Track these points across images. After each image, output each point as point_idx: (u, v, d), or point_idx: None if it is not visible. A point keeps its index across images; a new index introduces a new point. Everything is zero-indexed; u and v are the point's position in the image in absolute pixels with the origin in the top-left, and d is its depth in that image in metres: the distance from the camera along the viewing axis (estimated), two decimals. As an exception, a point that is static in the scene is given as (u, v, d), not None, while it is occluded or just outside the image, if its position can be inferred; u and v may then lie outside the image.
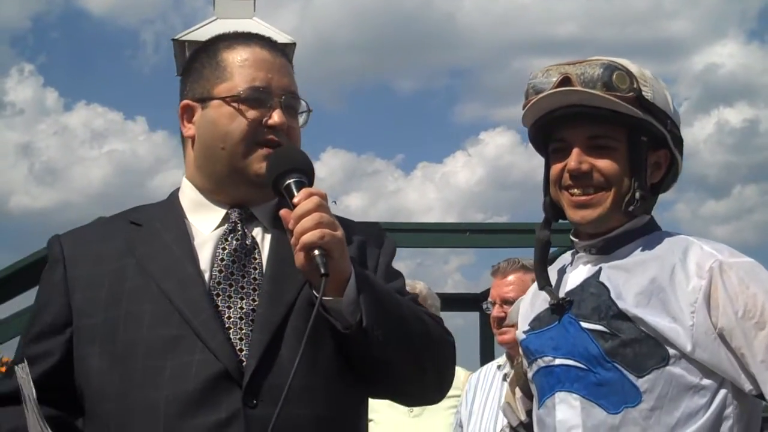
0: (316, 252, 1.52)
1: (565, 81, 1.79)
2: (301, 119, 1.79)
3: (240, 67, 1.74)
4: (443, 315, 3.15)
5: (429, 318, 1.75)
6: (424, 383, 1.75)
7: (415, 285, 3.63)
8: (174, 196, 1.84)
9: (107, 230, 1.80)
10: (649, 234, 1.87)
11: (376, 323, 1.59)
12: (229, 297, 1.66)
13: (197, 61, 1.80)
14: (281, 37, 10.43)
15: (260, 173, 1.69)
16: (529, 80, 1.87)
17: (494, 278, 3.42)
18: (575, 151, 1.82)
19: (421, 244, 7.46)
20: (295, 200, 1.57)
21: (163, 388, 1.57)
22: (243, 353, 1.61)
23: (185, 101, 1.78)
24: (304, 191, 1.59)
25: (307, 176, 1.65)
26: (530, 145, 1.99)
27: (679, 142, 1.90)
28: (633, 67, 1.82)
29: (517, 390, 2.16)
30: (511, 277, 3.40)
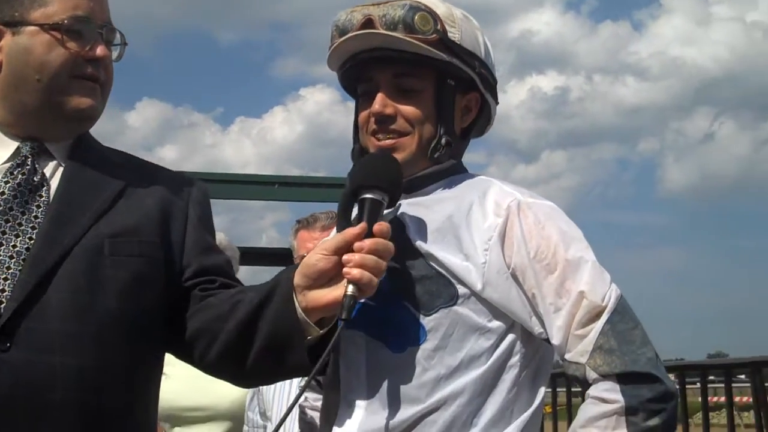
0: (350, 291, 1.47)
1: (368, 23, 1.71)
2: (116, 53, 1.69)
3: None
4: (256, 270, 4.62)
5: None
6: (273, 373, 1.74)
7: None
8: None
9: None
10: (455, 175, 1.81)
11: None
12: (3, 233, 1.54)
13: None
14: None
15: (80, 108, 1.64)
16: (333, 21, 1.77)
17: (309, 230, 3.26)
18: (380, 95, 1.74)
19: (227, 195, 6.93)
20: (377, 229, 1.52)
21: None
22: (5, 294, 1.50)
23: None
24: (388, 228, 1.54)
25: (390, 199, 1.62)
26: (350, 102, 1.91)
27: (490, 84, 1.83)
28: (440, 8, 1.74)
29: None
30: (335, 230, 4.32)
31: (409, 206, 1.76)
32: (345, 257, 1.51)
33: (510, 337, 1.68)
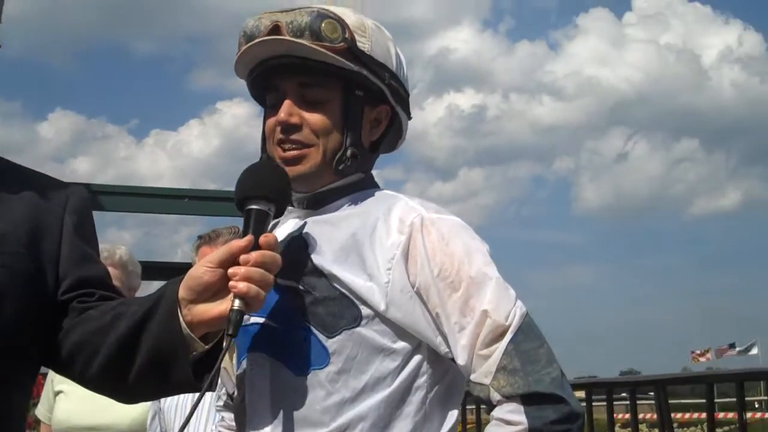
0: (237, 305, 1.44)
1: (275, 29, 1.68)
2: None
3: None
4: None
5: None
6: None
7: (116, 250, 3.41)
8: None
9: None
10: (363, 190, 1.77)
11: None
12: None
13: None
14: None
15: None
16: (241, 27, 1.74)
17: (211, 246, 3.21)
18: (286, 103, 1.70)
19: (137, 209, 6.96)
20: (263, 241, 1.49)
21: None
22: None
23: None
24: (275, 239, 1.51)
25: (277, 209, 1.58)
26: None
27: (401, 97, 1.79)
28: (351, 17, 1.71)
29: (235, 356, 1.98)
30: None
31: (314, 224, 1.73)
32: (230, 270, 1.47)
33: (416, 357, 1.65)
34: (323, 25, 1.66)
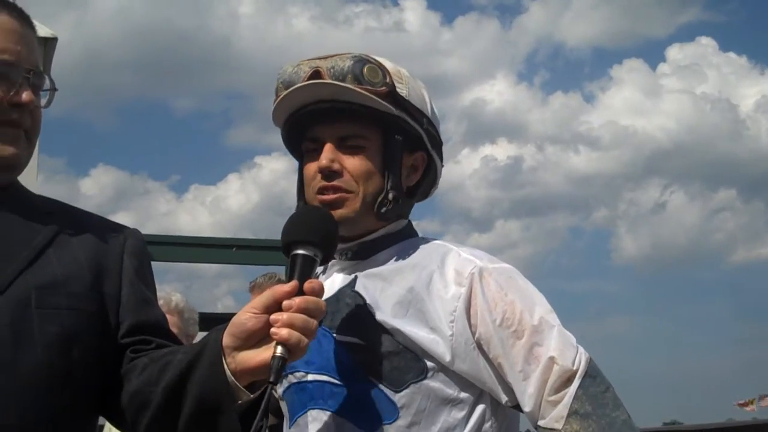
0: (279, 352, 1.39)
1: (315, 74, 1.66)
2: (44, 99, 1.61)
3: None
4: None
5: None
6: None
7: (171, 297, 3.45)
8: None
9: None
10: (407, 239, 1.77)
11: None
12: None
13: None
14: (42, 31, 7.92)
15: (2, 156, 1.55)
16: (278, 75, 1.73)
17: (252, 294, 3.32)
18: (327, 148, 1.69)
19: (183, 258, 6.79)
20: (308, 287, 1.44)
21: None
22: None
23: None
24: (320, 285, 1.46)
25: (324, 256, 1.53)
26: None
27: (437, 144, 1.79)
28: (388, 64, 1.72)
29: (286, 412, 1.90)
30: None
31: (366, 278, 1.71)
32: (273, 317, 1.42)
33: (481, 405, 1.66)
34: (365, 69, 1.66)
